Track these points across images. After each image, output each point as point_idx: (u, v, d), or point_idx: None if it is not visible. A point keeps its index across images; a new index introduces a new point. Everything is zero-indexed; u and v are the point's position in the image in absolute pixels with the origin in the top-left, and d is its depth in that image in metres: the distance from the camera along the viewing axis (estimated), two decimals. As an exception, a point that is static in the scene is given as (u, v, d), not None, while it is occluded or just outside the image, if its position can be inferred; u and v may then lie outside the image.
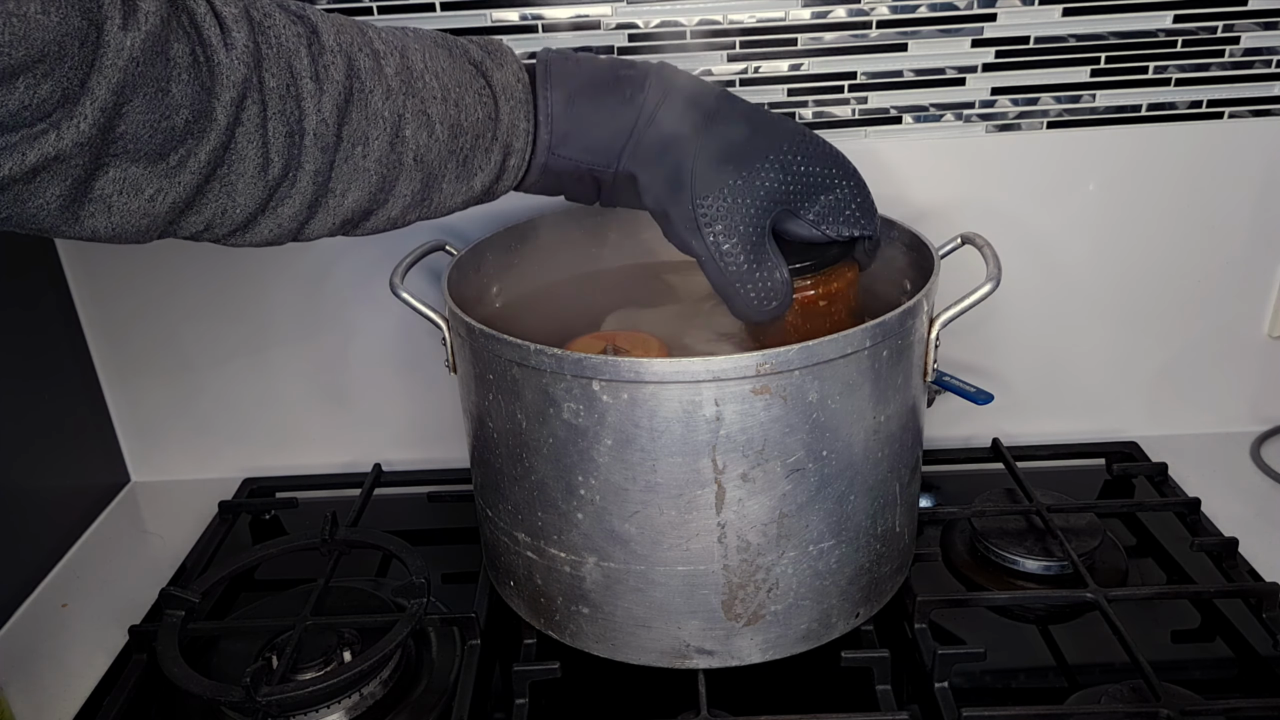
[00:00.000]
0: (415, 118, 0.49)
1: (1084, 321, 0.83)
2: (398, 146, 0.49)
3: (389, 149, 0.49)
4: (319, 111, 0.46)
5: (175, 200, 0.43)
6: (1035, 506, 0.73)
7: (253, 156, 0.44)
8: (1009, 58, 0.76)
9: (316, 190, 0.47)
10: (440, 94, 0.50)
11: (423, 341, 0.83)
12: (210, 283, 0.83)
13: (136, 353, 0.86)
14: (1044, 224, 0.80)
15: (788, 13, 0.74)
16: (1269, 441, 0.86)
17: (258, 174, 0.45)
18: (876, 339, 0.53)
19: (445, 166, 0.51)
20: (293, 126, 0.45)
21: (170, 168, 0.42)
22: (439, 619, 0.66)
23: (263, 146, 0.45)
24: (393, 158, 0.49)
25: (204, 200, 0.45)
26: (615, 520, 0.55)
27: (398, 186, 0.50)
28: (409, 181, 0.50)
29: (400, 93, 0.49)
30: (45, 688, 0.67)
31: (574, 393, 0.52)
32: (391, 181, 0.50)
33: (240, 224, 0.47)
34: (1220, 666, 0.63)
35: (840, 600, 0.59)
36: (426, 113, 0.50)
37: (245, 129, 0.44)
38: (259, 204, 0.46)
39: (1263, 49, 0.75)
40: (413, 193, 0.51)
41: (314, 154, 0.46)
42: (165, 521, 0.85)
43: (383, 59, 0.49)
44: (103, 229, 0.42)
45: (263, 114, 0.44)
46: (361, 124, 0.48)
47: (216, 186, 0.44)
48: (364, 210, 0.50)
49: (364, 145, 0.48)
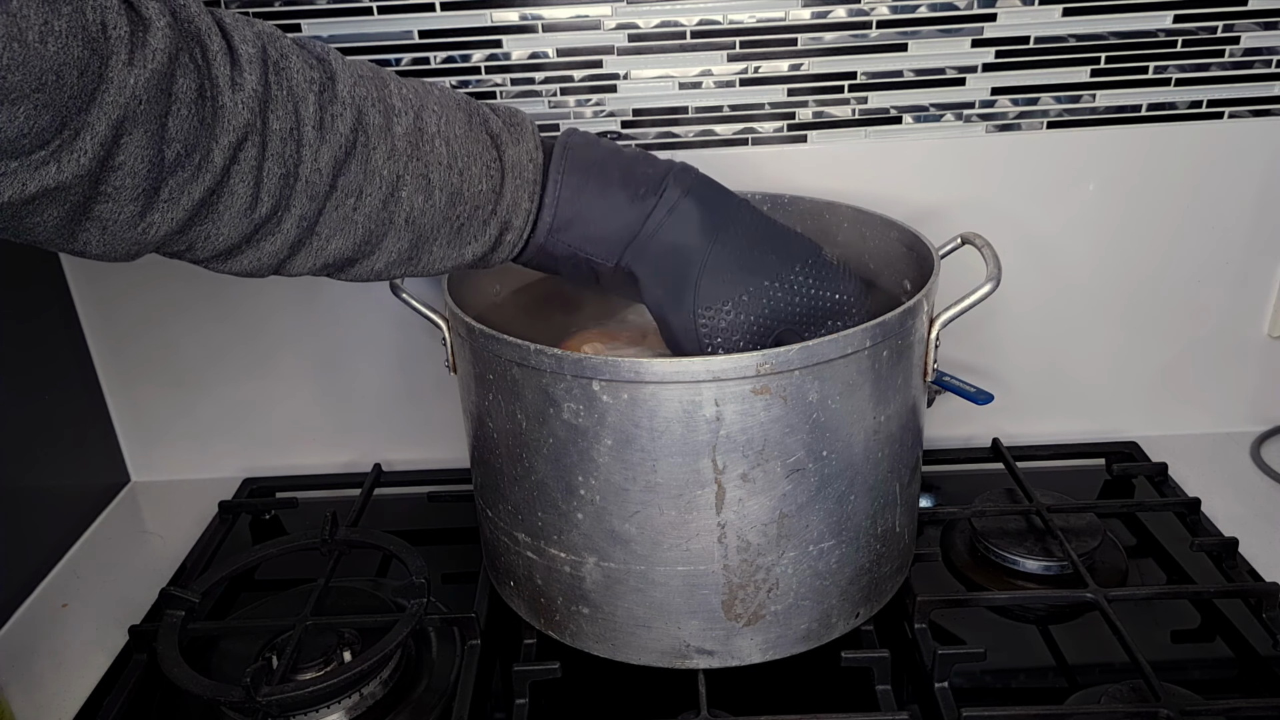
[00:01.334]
0: (415, 180, 0.49)
1: (1084, 321, 0.83)
2: (390, 206, 0.49)
3: (381, 207, 0.48)
4: (315, 160, 0.46)
5: (168, 231, 0.44)
6: (1035, 506, 0.73)
7: (243, 195, 0.44)
8: (1009, 58, 0.76)
9: (300, 234, 0.47)
10: (447, 160, 0.50)
11: (423, 341, 0.83)
12: (211, 284, 0.83)
13: (137, 353, 0.86)
14: (1044, 224, 0.80)
15: (788, 13, 0.74)
16: (1269, 441, 0.86)
17: (245, 211, 0.45)
18: (876, 339, 0.53)
19: (438, 231, 0.51)
20: (289, 169, 0.45)
21: (163, 200, 0.42)
22: (439, 619, 0.66)
23: (254, 186, 0.45)
24: (384, 215, 0.49)
25: (191, 228, 0.45)
26: (615, 520, 0.55)
27: (385, 243, 0.50)
28: (397, 240, 0.50)
29: (405, 154, 0.48)
30: (45, 688, 0.67)
31: (574, 393, 0.52)
32: (379, 237, 0.49)
33: (222, 252, 0.47)
34: (1220, 666, 0.63)
35: (840, 600, 0.59)
36: (428, 176, 0.49)
37: (240, 168, 0.44)
38: (242, 237, 0.46)
39: (1263, 49, 0.75)
40: (399, 251, 0.50)
41: (302, 200, 0.46)
42: (165, 521, 0.85)
43: (396, 116, 0.48)
44: (95, 246, 0.42)
45: (261, 155, 0.44)
46: (358, 178, 0.47)
47: (204, 213, 0.45)
48: (347, 258, 0.50)
49: (356, 199, 0.48)
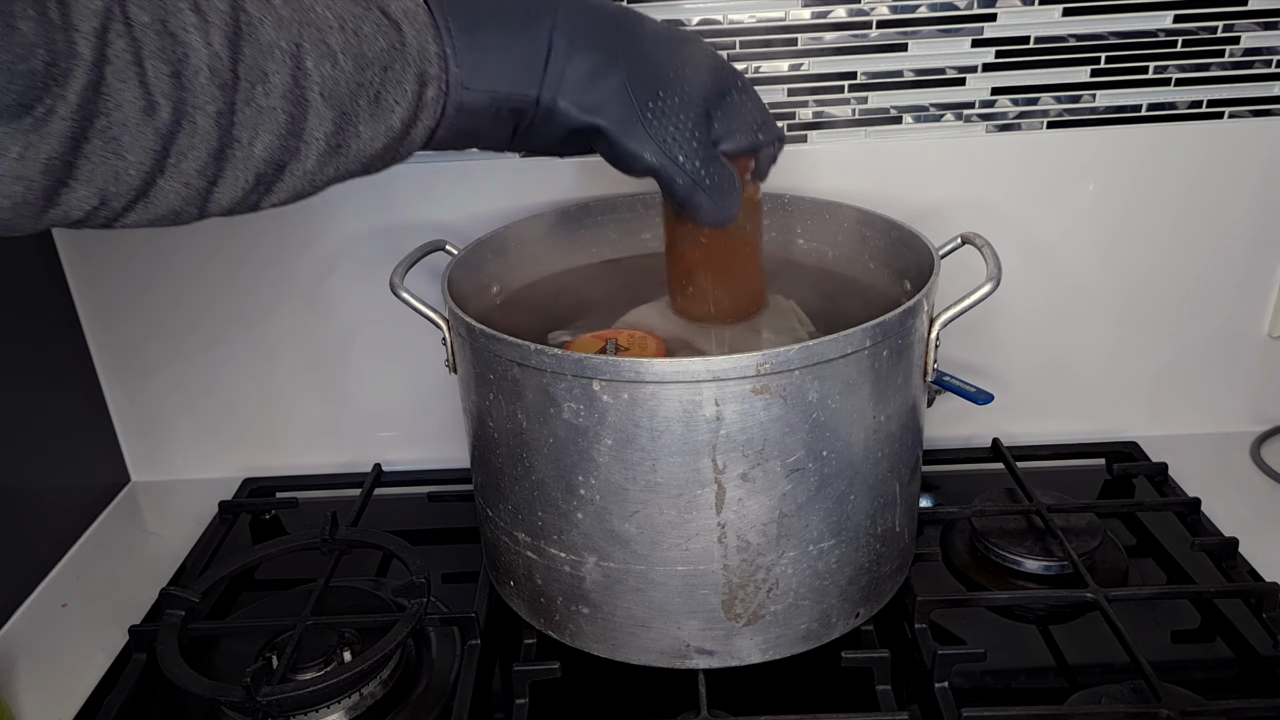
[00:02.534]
0: (315, 48, 0.45)
1: (1084, 321, 0.83)
2: (301, 81, 0.45)
3: (292, 83, 0.44)
4: (209, 45, 0.42)
5: (50, 156, 0.39)
6: (1035, 506, 0.73)
7: (131, 100, 0.40)
8: (1009, 58, 0.76)
9: (221, 136, 0.43)
10: (336, 23, 0.46)
11: (423, 342, 0.83)
12: (211, 284, 0.83)
13: (136, 353, 0.86)
14: (1044, 224, 0.80)
15: (788, 13, 0.74)
16: (1269, 441, 0.86)
17: (142, 119, 0.41)
18: (876, 339, 0.53)
19: (357, 103, 0.47)
20: (176, 65, 0.41)
21: (37, 119, 0.38)
22: (439, 619, 0.66)
23: (141, 87, 0.40)
24: (297, 94, 0.45)
25: (87, 161, 0.40)
26: (615, 520, 0.55)
27: (308, 128, 0.46)
28: (320, 122, 0.46)
29: (293, 22, 0.44)
30: (45, 688, 0.67)
31: (574, 392, 0.52)
32: (300, 122, 0.45)
33: (137, 188, 0.42)
34: (1220, 667, 0.63)
35: (840, 600, 0.59)
36: (325, 43, 0.45)
37: (115, 67, 0.39)
38: (154, 157, 0.42)
39: (1263, 49, 0.75)
40: (326, 135, 0.46)
41: (211, 92, 0.42)
42: (165, 521, 0.85)
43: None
44: None
45: (135, 51, 0.40)
46: (256, 58, 0.43)
47: (98, 143, 0.40)
48: (276, 161, 0.46)
49: (264, 83, 0.44)
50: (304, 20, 0.45)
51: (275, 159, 0.45)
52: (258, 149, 0.44)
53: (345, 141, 0.47)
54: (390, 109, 0.48)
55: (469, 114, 0.51)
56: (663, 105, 0.53)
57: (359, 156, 0.48)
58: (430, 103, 0.49)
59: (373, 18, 0.47)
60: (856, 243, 0.71)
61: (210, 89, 0.42)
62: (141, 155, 0.41)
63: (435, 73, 0.49)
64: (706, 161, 0.54)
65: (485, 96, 0.50)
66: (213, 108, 0.42)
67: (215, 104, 0.42)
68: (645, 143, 0.53)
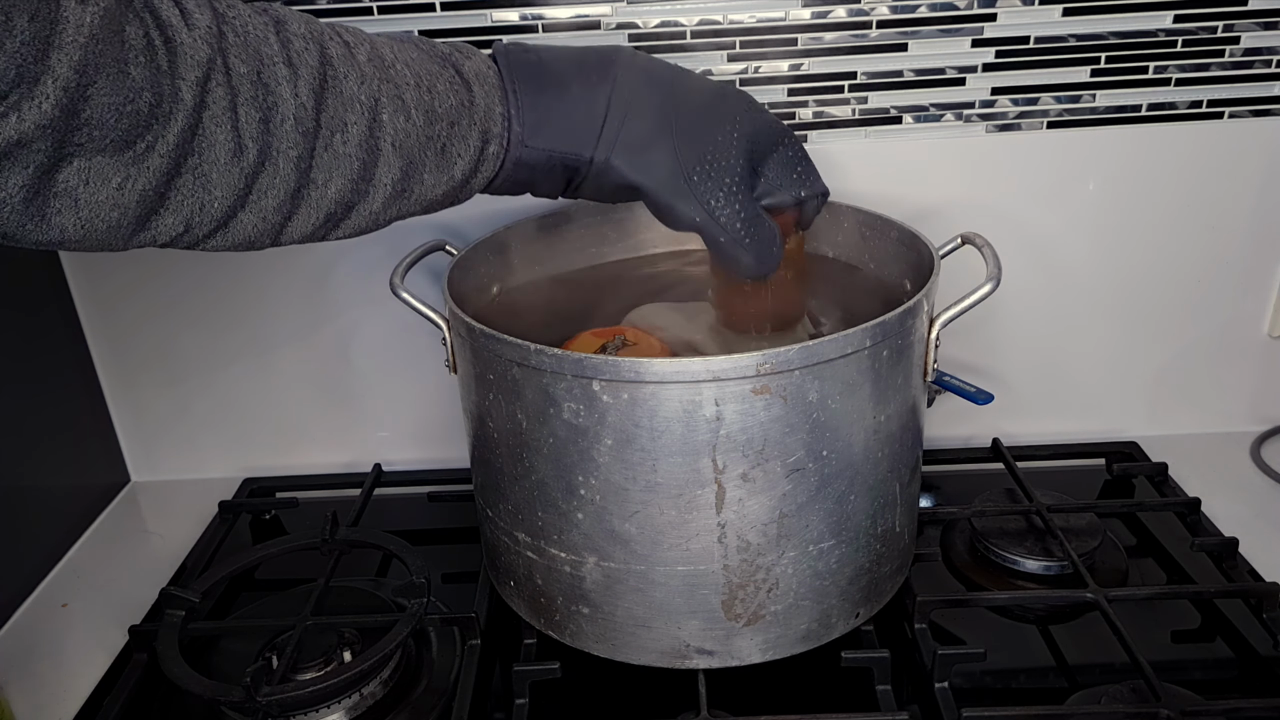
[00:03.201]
0: (391, 102, 0.49)
1: (1084, 321, 0.83)
2: (376, 132, 0.48)
3: (367, 134, 0.48)
4: (296, 96, 0.45)
5: (145, 189, 0.42)
6: (1035, 506, 0.73)
7: (223, 142, 0.43)
8: (1009, 58, 0.76)
9: (299, 178, 0.47)
10: (413, 80, 0.50)
11: (423, 341, 0.83)
12: (211, 283, 0.83)
13: (137, 353, 0.86)
14: (1044, 224, 0.80)
15: (788, 13, 0.74)
16: (1269, 441, 0.86)
17: (231, 160, 0.44)
18: (876, 339, 0.53)
19: (424, 154, 0.51)
20: (266, 112, 0.45)
21: (137, 154, 0.41)
22: (439, 619, 0.66)
23: (234, 131, 0.44)
24: (371, 143, 0.48)
25: (177, 193, 0.43)
26: (615, 520, 0.55)
27: (377, 174, 0.49)
28: (388, 170, 0.50)
29: (374, 79, 0.48)
30: (45, 688, 0.67)
31: (574, 392, 0.52)
32: (371, 169, 0.49)
33: (219, 219, 0.45)
34: (1220, 667, 0.63)
35: (840, 600, 0.59)
36: (401, 98, 0.49)
37: (212, 112, 0.43)
38: (237, 194, 0.45)
39: (1263, 49, 0.75)
40: (393, 182, 0.50)
41: (295, 138, 0.46)
42: (165, 521, 0.85)
43: (353, 48, 0.48)
44: (71, 227, 0.41)
45: (231, 98, 0.43)
46: (338, 109, 0.47)
47: (189, 178, 0.43)
48: (346, 203, 0.49)
49: (343, 132, 0.47)
50: (384, 76, 0.49)
51: (345, 200, 0.49)
52: (331, 191, 0.48)
53: (410, 187, 0.51)
54: (454, 160, 0.52)
55: (526, 167, 0.54)
56: (709, 168, 0.55)
57: (420, 200, 0.52)
58: (491, 157, 0.53)
59: (446, 76, 0.51)
60: (856, 243, 0.71)
61: (294, 135, 0.46)
62: (227, 191, 0.45)
63: (498, 131, 0.53)
64: (749, 220, 0.56)
65: (543, 154, 0.54)
66: (295, 152, 0.46)
67: (297, 149, 0.46)
68: (690, 203, 0.55)
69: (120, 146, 0.40)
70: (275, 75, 0.45)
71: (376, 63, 0.49)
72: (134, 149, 0.41)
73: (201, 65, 0.42)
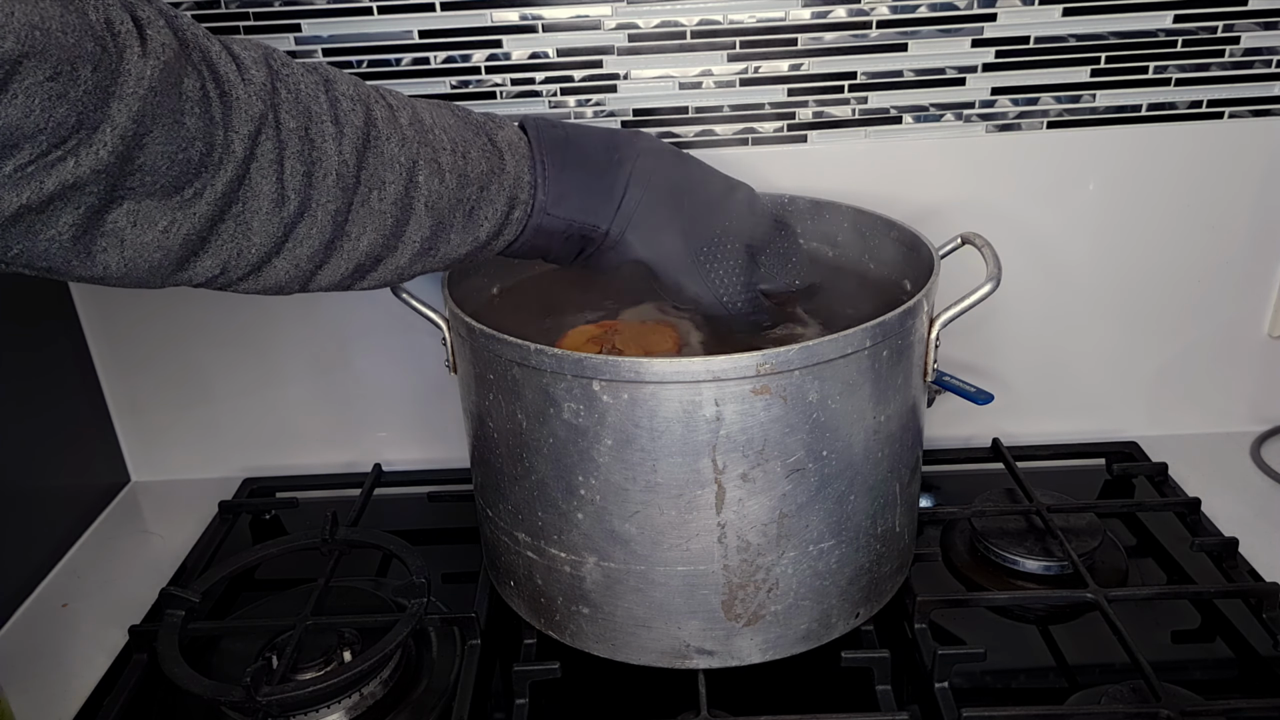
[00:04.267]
0: (428, 165, 0.51)
1: (1084, 321, 0.83)
2: (411, 192, 0.51)
3: (403, 193, 0.50)
4: (340, 153, 0.47)
5: (189, 233, 0.44)
6: (1035, 506, 0.73)
7: (268, 192, 0.45)
8: (1009, 58, 0.76)
9: (335, 230, 0.49)
10: (449, 146, 0.52)
11: (423, 341, 0.83)
12: (210, 283, 0.83)
13: (137, 353, 0.86)
14: (1044, 224, 0.80)
15: (788, 13, 0.74)
16: (1269, 441, 0.86)
17: (273, 210, 0.46)
18: (876, 339, 0.53)
19: (454, 215, 0.53)
20: (310, 166, 0.47)
21: (185, 200, 0.43)
22: (439, 619, 0.66)
23: (278, 183, 0.45)
24: (406, 202, 0.51)
25: (219, 238, 0.45)
26: (615, 520, 0.55)
27: (408, 232, 0.52)
28: (419, 228, 0.52)
29: (415, 141, 0.51)
30: (45, 688, 0.67)
31: (574, 393, 0.52)
32: (403, 226, 0.51)
33: (255, 264, 0.47)
34: (1220, 667, 0.63)
35: (840, 600, 0.59)
36: (438, 161, 0.52)
37: (260, 164, 0.45)
38: (275, 242, 0.47)
39: (1263, 49, 0.75)
40: (422, 239, 0.52)
41: (335, 193, 0.48)
42: (165, 521, 0.85)
43: (396, 111, 0.51)
44: (115, 265, 0.42)
45: (279, 151, 0.45)
46: (378, 168, 0.49)
47: (231, 225, 0.45)
48: (375, 256, 0.51)
49: (380, 189, 0.50)
50: (423, 140, 0.51)
51: (375, 254, 0.51)
52: (363, 244, 0.50)
53: (437, 245, 0.54)
54: (481, 223, 0.55)
55: (545, 234, 0.57)
56: (714, 251, 0.60)
57: (444, 258, 0.55)
58: (515, 221, 0.56)
59: (480, 143, 0.54)
60: (856, 243, 0.71)
61: (335, 190, 0.48)
62: (265, 239, 0.47)
63: (524, 198, 0.56)
64: (747, 301, 0.62)
65: (563, 222, 0.57)
66: (333, 205, 0.48)
67: (336, 203, 0.48)
68: (695, 281, 0.60)
69: (169, 191, 0.42)
70: (322, 132, 0.47)
71: (417, 126, 0.51)
72: (182, 194, 0.42)
73: (254, 119, 0.44)
